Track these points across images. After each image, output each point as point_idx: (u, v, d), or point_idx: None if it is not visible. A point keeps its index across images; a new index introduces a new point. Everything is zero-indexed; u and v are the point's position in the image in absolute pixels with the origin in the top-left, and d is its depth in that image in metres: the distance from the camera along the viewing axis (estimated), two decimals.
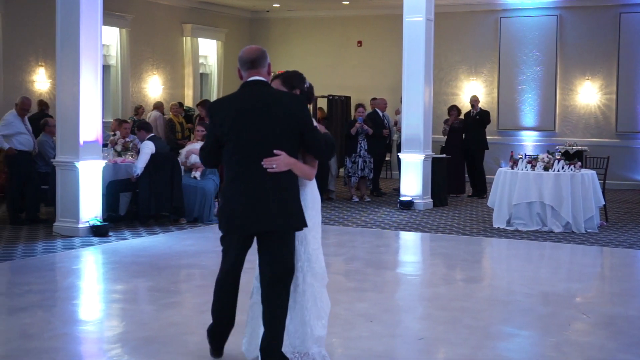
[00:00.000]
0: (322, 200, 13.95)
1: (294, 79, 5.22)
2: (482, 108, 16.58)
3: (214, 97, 20.42)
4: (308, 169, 4.97)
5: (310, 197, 5.12)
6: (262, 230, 4.83)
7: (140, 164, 11.23)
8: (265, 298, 4.95)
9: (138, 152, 11.69)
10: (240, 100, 4.88)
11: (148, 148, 11.31)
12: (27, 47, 15.94)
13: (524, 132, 18.93)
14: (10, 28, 15.45)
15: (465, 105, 17.60)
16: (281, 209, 4.79)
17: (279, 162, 4.72)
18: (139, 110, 16.76)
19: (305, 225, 4.95)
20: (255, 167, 4.74)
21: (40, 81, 16.07)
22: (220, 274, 5.17)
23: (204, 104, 14.52)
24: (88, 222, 10.47)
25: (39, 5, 15.61)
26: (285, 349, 5.08)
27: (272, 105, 4.81)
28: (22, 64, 15.87)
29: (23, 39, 15.76)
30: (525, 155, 12.13)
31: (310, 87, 5.30)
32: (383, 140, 15.42)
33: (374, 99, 16.84)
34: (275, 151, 4.72)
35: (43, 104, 14.59)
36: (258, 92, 4.87)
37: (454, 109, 16.06)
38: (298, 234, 5.01)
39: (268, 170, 4.72)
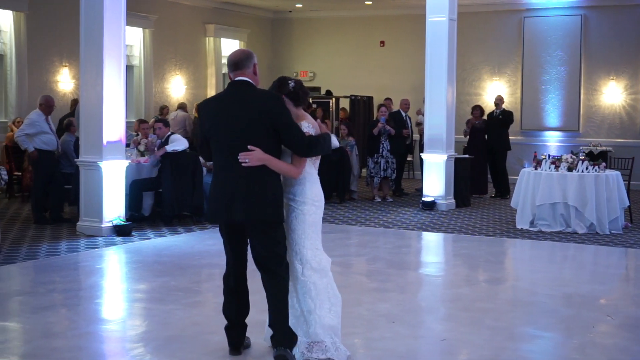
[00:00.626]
0: (344, 201, 14.09)
1: (274, 88, 5.40)
2: (506, 108, 16.49)
3: None
4: (285, 166, 5.19)
5: (310, 193, 5.33)
6: (232, 220, 5.17)
7: (175, 147, 11.37)
8: (263, 284, 5.29)
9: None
10: (222, 99, 5.30)
11: (184, 142, 11.52)
12: (51, 48, 16.06)
13: (547, 133, 18.81)
14: (35, 29, 15.57)
15: (488, 106, 17.52)
16: (253, 201, 5.08)
17: (252, 157, 5.02)
18: (163, 110, 16.87)
19: (279, 219, 5.18)
20: (233, 161, 5.07)
21: (64, 81, 16.18)
22: (225, 269, 5.54)
23: None
24: (111, 221, 10.53)
25: (63, 6, 15.72)
26: (301, 342, 5.28)
27: (248, 103, 5.11)
28: (47, 65, 15.98)
29: (47, 39, 15.88)
30: (549, 155, 12.06)
31: (297, 86, 5.40)
32: (403, 140, 15.37)
33: (387, 99, 16.82)
34: (249, 147, 5.01)
35: (77, 103, 14.68)
36: (237, 92, 5.21)
37: (477, 109, 15.99)
38: (297, 228, 5.28)
39: (242, 164, 5.01)
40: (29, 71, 15.43)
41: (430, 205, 13.56)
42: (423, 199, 13.78)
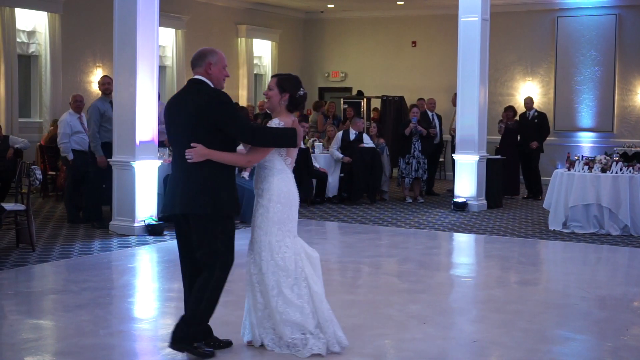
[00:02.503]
0: (375, 201, 14.07)
1: (286, 81, 5.60)
2: (539, 110, 16.36)
3: None
4: (229, 156, 5.32)
5: (277, 190, 5.46)
6: (174, 213, 5.38)
7: None
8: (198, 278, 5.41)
9: None
10: (174, 97, 5.56)
11: None
12: (85, 49, 16.22)
13: (581, 133, 18.64)
14: (69, 30, 15.72)
15: (521, 106, 17.39)
16: (191, 194, 5.28)
17: (195, 153, 5.21)
18: None
19: (216, 213, 5.27)
20: (177, 156, 5.37)
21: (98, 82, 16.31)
22: None
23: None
24: (144, 221, 10.59)
25: (97, 7, 15.86)
26: (267, 334, 5.48)
27: (191, 101, 5.31)
28: (81, 65, 16.14)
29: (82, 40, 16.03)
30: (582, 156, 11.95)
31: (304, 96, 5.61)
32: (431, 140, 15.29)
33: (420, 99, 16.77)
34: (192, 144, 5.20)
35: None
36: (185, 90, 5.44)
37: (510, 110, 15.89)
38: (262, 224, 5.43)
39: (187, 160, 5.22)
40: (63, 72, 15.58)
41: (462, 206, 13.50)
42: (454, 199, 13.72)
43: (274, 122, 5.44)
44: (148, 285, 8.19)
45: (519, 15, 19.11)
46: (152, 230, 10.52)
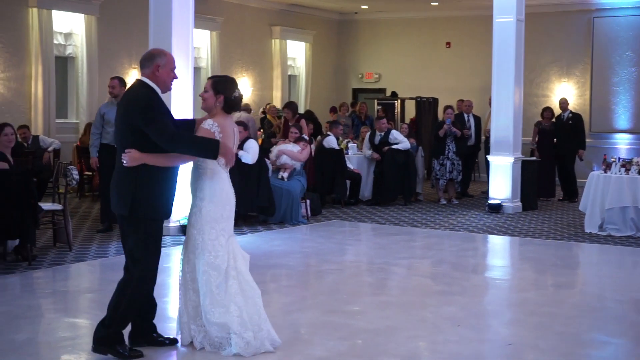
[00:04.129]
0: (409, 203, 14.02)
1: (220, 84, 5.64)
2: (574, 111, 16.21)
3: (302, 98, 20.57)
4: (161, 159, 5.35)
5: (208, 190, 5.54)
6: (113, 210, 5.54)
7: (245, 159, 11.05)
8: None
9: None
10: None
11: (255, 152, 11.28)
12: (121, 50, 16.36)
13: (617, 135, 18.44)
14: (105, 32, 15.88)
15: (556, 107, 17.25)
16: (114, 195, 5.42)
17: (129, 157, 5.29)
18: None
19: (131, 214, 5.33)
20: (118, 158, 5.39)
21: None
22: None
23: (290, 105, 14.64)
24: (178, 221, 10.65)
25: (133, 9, 16.01)
26: (201, 337, 5.59)
27: (121, 104, 5.44)
28: (117, 67, 16.28)
29: (118, 42, 16.18)
30: (619, 158, 11.83)
31: (239, 97, 5.67)
32: (465, 141, 15.21)
33: (459, 100, 16.69)
34: (126, 149, 5.28)
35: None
36: (125, 93, 5.59)
37: (548, 111, 15.79)
38: (196, 223, 5.52)
39: (123, 164, 5.31)
40: (99, 73, 15.74)
41: (497, 208, 13.42)
42: (489, 201, 13.64)
43: (208, 123, 5.53)
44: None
45: (555, 16, 18.94)
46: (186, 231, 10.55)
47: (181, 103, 10.67)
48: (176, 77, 5.61)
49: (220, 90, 5.61)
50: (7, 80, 14.50)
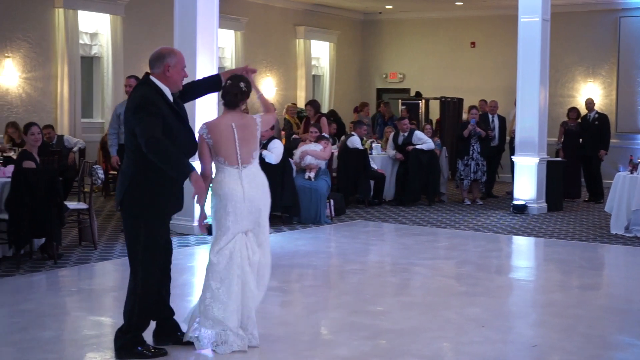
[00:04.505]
0: (433, 203, 13.98)
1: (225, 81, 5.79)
2: (600, 111, 16.08)
3: (325, 98, 20.57)
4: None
5: (216, 186, 5.72)
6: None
7: (269, 159, 11.10)
8: None
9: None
10: None
11: (280, 152, 11.33)
12: (146, 50, 16.31)
13: None
14: (130, 32, 15.95)
15: (582, 108, 17.13)
16: (117, 193, 5.42)
17: (197, 193, 5.44)
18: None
19: (124, 210, 5.38)
20: (125, 157, 5.46)
21: None
22: None
23: (312, 103, 14.65)
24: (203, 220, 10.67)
25: (158, 9, 16.08)
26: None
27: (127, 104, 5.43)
28: (142, 66, 16.29)
29: (143, 42, 16.24)
30: None
31: (225, 88, 5.74)
32: (489, 142, 15.14)
33: (482, 100, 16.61)
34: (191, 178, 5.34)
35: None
36: (131, 92, 5.56)
37: (574, 111, 15.69)
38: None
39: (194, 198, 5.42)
40: (124, 73, 15.77)
41: (521, 209, 13.35)
42: (514, 202, 13.57)
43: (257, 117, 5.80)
44: None
45: (580, 16, 18.80)
46: (209, 230, 10.55)
47: (205, 102, 10.69)
48: (186, 75, 5.58)
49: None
50: (34, 80, 14.61)
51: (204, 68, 10.70)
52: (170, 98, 5.43)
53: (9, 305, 6.97)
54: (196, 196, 5.34)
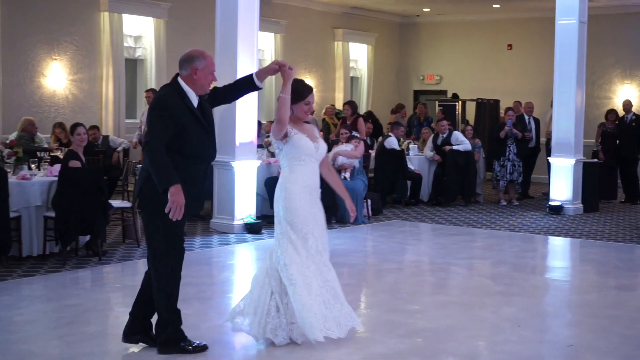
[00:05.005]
0: (469, 203, 13.90)
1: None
2: (637, 113, 15.87)
3: (363, 100, 20.56)
4: None
5: (283, 189, 5.77)
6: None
7: None
8: None
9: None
10: None
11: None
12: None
13: None
14: (173, 34, 16.08)
15: (619, 109, 16.92)
16: (136, 189, 5.45)
17: None
18: None
19: (140, 205, 5.51)
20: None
21: None
22: None
23: (350, 103, 14.65)
24: (242, 219, 10.75)
25: (200, 12, 16.20)
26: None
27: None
28: None
29: (185, 44, 16.24)
30: None
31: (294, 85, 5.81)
32: (526, 143, 15.02)
33: (516, 102, 16.47)
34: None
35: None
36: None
37: (612, 113, 15.51)
38: (276, 221, 5.74)
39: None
40: (167, 74, 15.93)
41: (557, 210, 13.22)
42: (550, 203, 13.45)
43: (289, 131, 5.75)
44: (247, 281, 8.27)
45: (617, 18, 18.57)
46: (251, 229, 10.66)
47: (246, 103, 10.75)
48: (215, 80, 5.52)
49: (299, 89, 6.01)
50: (80, 82, 14.80)
51: (244, 69, 10.74)
52: (194, 101, 5.37)
53: (55, 300, 7.07)
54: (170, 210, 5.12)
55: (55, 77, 14.46)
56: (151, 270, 5.41)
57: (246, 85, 5.71)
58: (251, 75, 5.70)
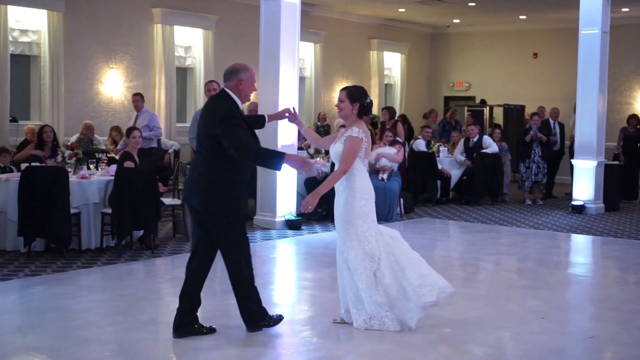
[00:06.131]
0: (496, 202, 13.78)
1: (355, 93, 5.83)
2: None
3: (397, 105, 20.48)
4: (330, 182, 5.69)
5: (360, 188, 5.70)
6: (189, 206, 5.63)
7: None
8: None
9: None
10: (204, 105, 5.86)
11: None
12: (233, 60, 16.54)
13: None
14: (220, 44, 16.18)
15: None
16: (194, 191, 5.46)
17: (309, 204, 5.62)
18: (320, 115, 17.49)
19: (208, 213, 5.43)
20: (195, 158, 5.62)
21: None
22: None
23: (389, 108, 14.61)
24: (284, 216, 10.76)
25: (245, 24, 16.27)
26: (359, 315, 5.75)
27: (204, 111, 5.57)
28: None
29: (230, 53, 16.43)
30: None
31: (370, 103, 5.85)
32: (551, 146, 14.83)
33: (540, 107, 16.29)
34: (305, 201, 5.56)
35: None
36: (208, 101, 5.78)
37: (634, 118, 15.28)
38: (351, 218, 5.66)
39: (307, 211, 5.62)
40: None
41: (580, 209, 13.05)
42: (572, 202, 13.28)
43: (354, 131, 5.71)
44: (287, 274, 8.31)
45: (638, 27, 18.27)
46: (291, 225, 10.67)
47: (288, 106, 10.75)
48: (256, 90, 5.72)
49: (355, 99, 5.80)
50: (135, 89, 14.90)
51: (286, 77, 10.78)
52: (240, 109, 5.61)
53: (111, 290, 7.15)
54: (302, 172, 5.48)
55: (112, 85, 14.61)
56: (231, 273, 5.67)
57: (258, 122, 6.04)
58: (264, 116, 6.16)
